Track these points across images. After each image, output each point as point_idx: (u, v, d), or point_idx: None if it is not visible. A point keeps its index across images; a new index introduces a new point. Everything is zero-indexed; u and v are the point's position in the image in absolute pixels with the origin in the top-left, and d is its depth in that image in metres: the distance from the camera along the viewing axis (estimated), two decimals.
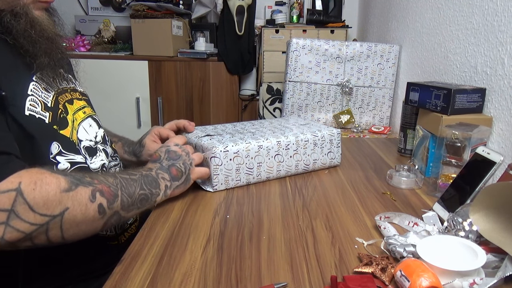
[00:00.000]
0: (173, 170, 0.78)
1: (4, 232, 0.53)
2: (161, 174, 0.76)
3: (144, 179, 0.72)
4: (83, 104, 0.82)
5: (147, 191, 0.71)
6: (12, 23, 0.67)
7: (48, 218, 0.56)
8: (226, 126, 1.04)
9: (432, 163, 0.96)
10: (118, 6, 2.49)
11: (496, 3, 0.95)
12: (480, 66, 1.01)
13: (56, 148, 0.70)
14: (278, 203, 0.82)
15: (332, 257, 0.62)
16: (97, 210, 0.61)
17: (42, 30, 0.71)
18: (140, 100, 2.25)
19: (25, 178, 0.55)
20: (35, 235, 0.56)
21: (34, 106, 0.68)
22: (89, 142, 0.78)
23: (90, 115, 0.82)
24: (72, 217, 0.58)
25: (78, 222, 0.60)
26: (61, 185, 0.58)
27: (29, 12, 0.69)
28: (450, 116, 0.94)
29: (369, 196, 0.86)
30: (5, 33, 0.67)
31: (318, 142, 0.98)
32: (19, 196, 0.54)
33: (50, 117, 0.70)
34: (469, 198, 0.70)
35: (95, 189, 0.62)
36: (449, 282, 0.52)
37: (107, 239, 0.80)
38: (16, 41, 0.68)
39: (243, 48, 2.22)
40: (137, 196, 0.69)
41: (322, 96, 1.56)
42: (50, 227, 0.56)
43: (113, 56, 2.26)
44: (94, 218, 0.61)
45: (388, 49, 1.52)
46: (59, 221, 0.57)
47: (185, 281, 0.56)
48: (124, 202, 0.66)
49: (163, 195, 0.75)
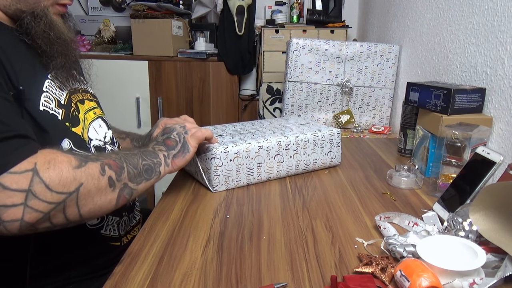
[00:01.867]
0: (168, 141, 0.80)
1: (24, 213, 0.54)
2: (158, 147, 0.78)
3: (143, 152, 0.74)
4: (94, 105, 0.84)
5: (149, 161, 0.73)
6: (32, 24, 0.70)
7: (64, 196, 0.57)
8: (226, 126, 1.04)
9: (432, 163, 0.96)
10: (118, 6, 2.49)
11: (496, 3, 0.95)
12: (480, 66, 1.01)
13: (67, 144, 0.72)
14: (278, 203, 0.82)
15: (332, 257, 0.62)
16: (108, 182, 0.63)
17: (59, 33, 0.74)
18: (140, 100, 2.25)
19: (40, 158, 0.57)
20: (53, 214, 0.57)
21: (48, 102, 0.70)
22: (98, 142, 0.81)
23: (100, 116, 0.85)
24: (87, 192, 0.60)
25: (93, 196, 0.61)
26: (72, 162, 0.60)
27: (48, 14, 0.72)
28: (450, 116, 0.94)
29: (369, 196, 0.86)
30: (24, 34, 0.70)
31: (318, 142, 0.98)
32: (36, 175, 0.55)
33: (63, 114, 0.73)
34: (469, 198, 0.70)
35: (103, 163, 0.64)
36: (449, 282, 0.52)
37: (110, 239, 0.81)
38: (34, 42, 0.70)
39: (243, 48, 2.22)
40: (141, 166, 0.71)
41: (322, 96, 1.56)
42: (67, 204, 0.58)
43: (113, 56, 2.25)
44: (106, 191, 0.63)
45: (388, 49, 1.52)
46: (75, 197, 0.59)
47: (185, 281, 0.56)
48: (130, 173, 0.68)
49: (165, 165, 0.76)
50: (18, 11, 0.70)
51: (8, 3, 0.69)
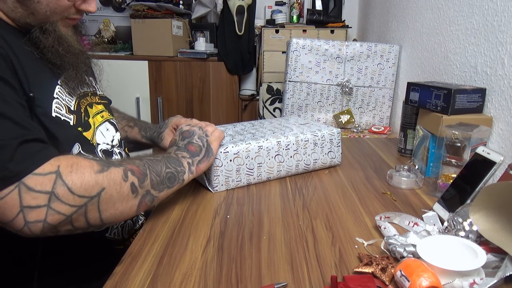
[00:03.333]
0: (191, 147, 0.78)
1: (46, 214, 0.55)
2: (180, 154, 0.76)
3: (167, 159, 0.73)
4: (101, 108, 0.84)
5: (173, 169, 0.72)
6: (40, 39, 0.69)
7: (86, 200, 0.58)
8: (226, 126, 1.04)
9: (432, 163, 0.96)
10: (118, 6, 2.49)
11: (496, 3, 0.95)
12: (480, 66, 1.01)
13: (76, 148, 0.72)
14: (278, 203, 0.82)
15: (332, 257, 0.62)
16: (130, 189, 0.63)
17: (69, 46, 0.74)
18: (140, 100, 2.25)
19: (63, 161, 0.58)
20: (75, 217, 0.58)
21: (59, 108, 0.70)
22: (106, 146, 0.81)
23: (107, 119, 0.84)
24: (109, 197, 0.60)
25: (114, 201, 0.61)
26: (94, 167, 0.60)
27: (57, 29, 0.72)
28: (450, 116, 0.94)
29: (369, 196, 0.86)
30: (32, 47, 0.69)
31: (318, 142, 0.98)
32: (59, 178, 0.56)
33: (75, 119, 0.73)
34: (469, 198, 0.70)
35: (126, 169, 0.64)
36: (449, 282, 0.52)
37: (114, 243, 0.81)
38: (44, 55, 0.70)
39: (243, 48, 2.22)
40: (164, 174, 0.70)
41: (322, 96, 1.56)
42: (88, 208, 0.58)
43: (113, 56, 2.25)
44: (128, 197, 0.63)
45: (388, 49, 1.52)
46: (96, 202, 0.59)
47: (185, 281, 0.56)
48: (153, 180, 0.67)
49: (189, 173, 0.75)
50: (27, 25, 0.70)
51: (18, 17, 0.69)
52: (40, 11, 0.68)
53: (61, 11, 0.71)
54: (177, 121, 0.96)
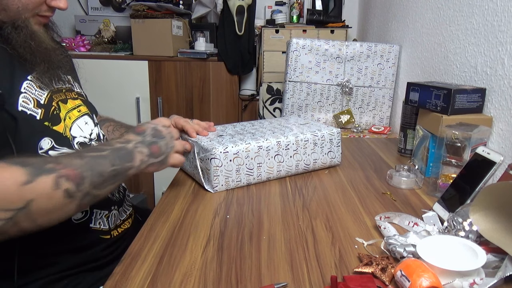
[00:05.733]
0: (154, 148, 0.76)
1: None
2: (140, 148, 0.74)
3: (117, 153, 0.70)
4: (78, 103, 0.85)
5: (119, 166, 0.69)
6: (13, 35, 0.70)
7: (13, 212, 0.55)
8: (226, 127, 1.04)
9: (432, 163, 0.96)
10: (118, 6, 2.49)
11: (496, 3, 0.95)
12: (480, 66, 1.01)
13: (48, 143, 0.72)
14: (278, 203, 0.82)
15: (332, 257, 0.62)
16: (64, 195, 0.60)
17: (40, 42, 0.75)
18: (140, 100, 2.25)
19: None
20: (6, 229, 0.56)
21: (27, 103, 0.71)
22: (83, 139, 0.81)
23: (86, 113, 0.85)
24: (39, 208, 0.58)
25: (47, 210, 0.59)
26: (18, 179, 0.56)
27: (29, 26, 0.73)
28: (450, 116, 0.94)
29: (369, 196, 0.86)
30: (5, 43, 0.71)
31: (318, 142, 0.98)
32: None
33: (42, 113, 0.73)
34: (469, 198, 0.70)
35: (58, 175, 0.60)
36: (449, 282, 0.52)
37: (100, 233, 0.81)
38: (16, 50, 0.71)
39: (243, 48, 2.22)
40: (108, 172, 0.67)
41: (322, 96, 1.56)
42: (18, 220, 0.56)
43: (113, 56, 2.25)
44: (62, 204, 0.60)
45: (388, 49, 1.52)
46: (26, 213, 0.56)
47: (185, 281, 0.56)
48: (94, 182, 0.64)
49: (136, 169, 0.73)
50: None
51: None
52: (12, 8, 0.70)
53: (32, 7, 0.73)
54: (176, 119, 0.97)
